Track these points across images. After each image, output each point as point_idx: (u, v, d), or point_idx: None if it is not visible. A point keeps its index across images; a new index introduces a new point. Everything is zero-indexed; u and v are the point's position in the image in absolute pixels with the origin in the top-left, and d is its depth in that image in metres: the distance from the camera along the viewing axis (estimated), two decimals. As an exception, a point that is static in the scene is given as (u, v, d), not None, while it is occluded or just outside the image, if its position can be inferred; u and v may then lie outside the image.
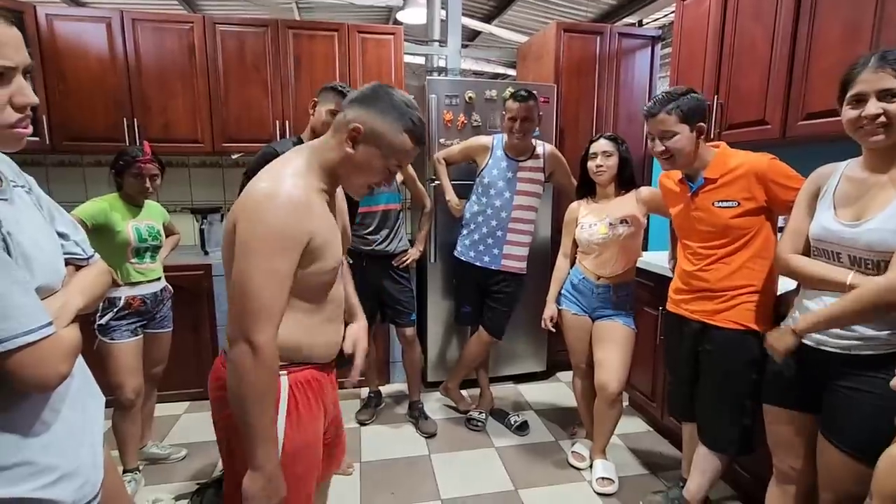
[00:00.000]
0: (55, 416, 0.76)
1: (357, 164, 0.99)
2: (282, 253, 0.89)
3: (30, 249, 0.72)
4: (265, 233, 0.88)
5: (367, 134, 0.96)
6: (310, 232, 0.92)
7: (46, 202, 0.86)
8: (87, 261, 0.90)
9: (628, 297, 2.04)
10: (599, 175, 1.99)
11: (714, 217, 1.52)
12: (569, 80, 2.97)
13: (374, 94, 0.98)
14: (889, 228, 1.09)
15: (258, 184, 0.93)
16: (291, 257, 0.91)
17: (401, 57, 2.92)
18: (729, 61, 2.08)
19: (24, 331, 0.66)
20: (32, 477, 0.71)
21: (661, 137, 1.51)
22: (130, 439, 1.93)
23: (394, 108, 0.97)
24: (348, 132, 0.96)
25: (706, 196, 1.53)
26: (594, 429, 2.12)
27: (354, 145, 0.97)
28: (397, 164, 1.02)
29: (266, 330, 0.89)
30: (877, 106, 1.09)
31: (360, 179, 1.02)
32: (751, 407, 1.52)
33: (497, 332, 2.44)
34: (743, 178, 1.47)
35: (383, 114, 0.96)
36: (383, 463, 2.21)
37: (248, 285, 0.88)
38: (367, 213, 2.31)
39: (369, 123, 0.96)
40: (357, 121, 0.96)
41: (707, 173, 1.52)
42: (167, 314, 2.06)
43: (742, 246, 1.50)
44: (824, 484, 1.25)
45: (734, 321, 1.53)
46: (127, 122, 2.62)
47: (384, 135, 0.97)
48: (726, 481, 1.97)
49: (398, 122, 0.97)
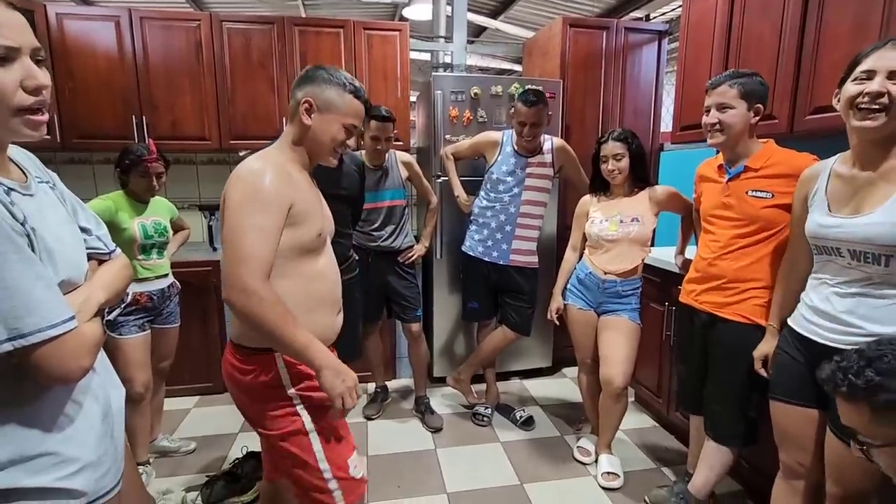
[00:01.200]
0: (78, 409, 0.78)
1: (317, 130, 1.14)
2: (265, 211, 1.02)
3: (53, 244, 0.73)
4: (251, 195, 1.02)
5: (319, 104, 1.13)
6: (291, 197, 1.07)
7: (70, 197, 0.87)
8: (109, 255, 0.92)
9: (635, 291, 2.04)
10: (613, 179, 1.98)
11: (745, 205, 1.51)
12: (575, 75, 2.96)
13: (314, 72, 1.15)
14: (888, 222, 1.09)
15: (245, 163, 1.08)
16: (274, 217, 1.03)
17: (406, 53, 2.93)
18: (736, 56, 2.06)
19: (48, 325, 0.67)
20: (55, 467, 0.73)
21: (719, 108, 1.50)
22: (140, 433, 1.95)
23: (332, 78, 1.14)
24: (301, 106, 1.12)
25: (742, 184, 1.53)
26: (599, 423, 2.13)
27: (310, 116, 1.13)
28: (352, 123, 1.17)
29: (256, 275, 0.99)
30: (882, 83, 1.07)
31: (326, 144, 1.16)
32: (756, 400, 1.52)
33: (524, 330, 2.44)
34: (784, 175, 1.46)
35: (326, 84, 1.13)
36: (390, 457, 2.23)
37: (237, 237, 1.00)
38: (372, 209, 2.32)
39: (315, 94, 1.13)
40: (305, 95, 1.13)
41: (750, 162, 1.52)
42: (174, 310, 2.08)
43: (764, 240, 1.50)
44: (832, 478, 1.25)
45: (742, 315, 1.53)
46: (136, 119, 2.65)
47: (332, 100, 1.13)
48: (731, 476, 1.96)
49: (340, 87, 1.14)
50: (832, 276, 1.23)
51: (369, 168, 2.28)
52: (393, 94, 2.90)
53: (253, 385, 1.12)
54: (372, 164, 2.31)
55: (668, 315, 2.19)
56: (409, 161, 2.43)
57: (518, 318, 2.41)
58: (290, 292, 1.08)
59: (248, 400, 1.16)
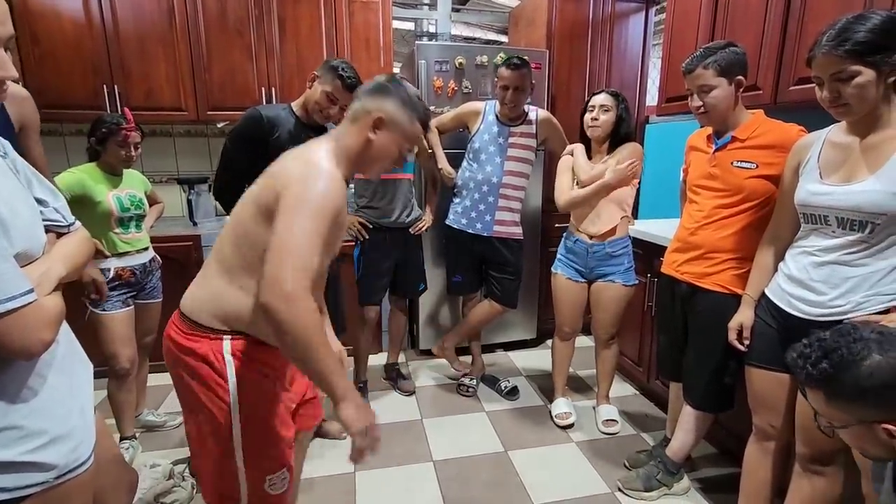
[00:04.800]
0: (42, 382, 0.76)
1: (378, 148, 1.10)
2: (322, 218, 0.95)
3: (5, 215, 0.70)
4: (313, 197, 0.95)
5: (388, 122, 1.08)
6: (341, 208, 1.02)
7: (23, 167, 0.83)
8: (68, 228, 0.89)
9: (625, 251, 2.08)
10: (593, 129, 1.99)
11: (730, 176, 1.52)
12: (561, 45, 2.91)
13: (390, 86, 1.11)
14: (880, 190, 1.11)
15: (302, 160, 1.02)
16: (328, 224, 0.96)
17: (389, 21, 2.84)
18: (723, 26, 2.05)
19: (6, 297, 0.65)
20: (20, 441, 0.72)
21: (699, 92, 1.50)
22: (126, 407, 1.95)
23: (409, 99, 1.11)
24: (372, 120, 1.07)
25: (728, 154, 1.53)
26: (597, 375, 2.31)
27: (376, 131, 1.08)
28: (409, 148, 1.16)
29: (303, 281, 0.90)
30: (829, 90, 1.13)
31: (379, 162, 1.13)
32: (733, 368, 1.57)
33: (510, 303, 2.46)
34: (770, 146, 1.47)
35: (401, 104, 1.09)
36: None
37: (295, 240, 0.91)
38: (385, 180, 2.27)
39: (389, 112, 1.08)
40: (379, 110, 1.07)
41: (737, 133, 1.52)
42: (156, 284, 2.05)
43: (745, 211, 1.51)
44: (801, 440, 1.31)
45: (720, 285, 1.57)
46: (107, 89, 2.54)
47: (401, 123, 1.10)
48: (707, 439, 2.04)
49: (413, 112, 1.11)
50: (813, 245, 1.25)
51: None
52: (376, 64, 2.83)
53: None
54: None
55: (651, 286, 2.23)
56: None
57: (504, 290, 2.43)
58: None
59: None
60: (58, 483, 0.77)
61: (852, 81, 1.09)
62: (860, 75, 1.08)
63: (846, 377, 0.80)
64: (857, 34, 1.07)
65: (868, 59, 1.07)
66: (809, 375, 0.85)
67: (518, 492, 1.85)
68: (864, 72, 1.08)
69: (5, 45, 0.69)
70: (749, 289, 1.48)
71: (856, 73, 1.08)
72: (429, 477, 1.93)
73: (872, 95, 1.10)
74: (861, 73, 1.08)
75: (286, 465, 1.14)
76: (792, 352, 0.91)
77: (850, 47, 1.07)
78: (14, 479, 0.71)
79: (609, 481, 1.89)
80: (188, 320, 1.08)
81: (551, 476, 1.94)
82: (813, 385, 0.85)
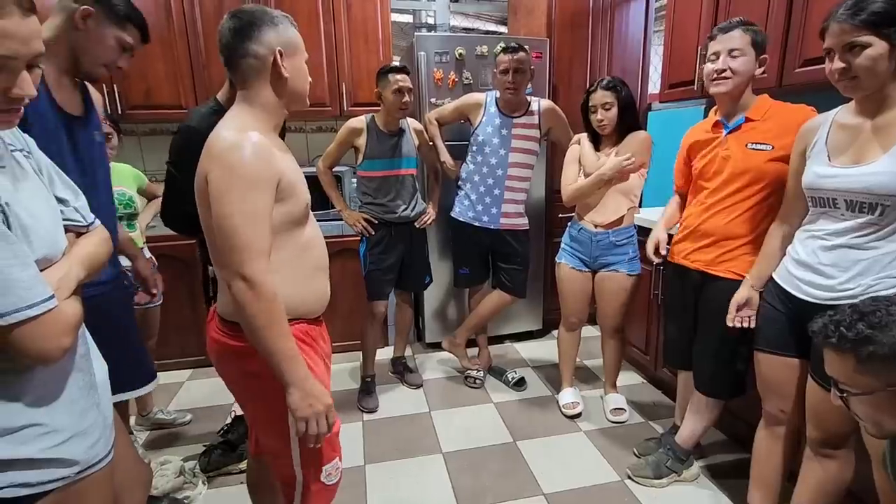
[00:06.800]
0: (62, 380, 0.77)
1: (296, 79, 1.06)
2: (256, 192, 0.95)
3: (28, 220, 0.71)
4: (239, 176, 0.93)
5: (287, 50, 1.03)
6: (278, 171, 0.99)
7: (46, 165, 0.84)
8: (88, 227, 0.89)
9: (629, 240, 2.07)
10: (602, 129, 1.99)
11: (746, 158, 1.49)
12: (561, 34, 2.88)
13: (261, 16, 1.02)
14: (890, 171, 1.09)
15: (218, 136, 0.98)
16: (266, 196, 0.96)
17: (387, 13, 2.82)
18: (726, 9, 2.02)
19: (26, 305, 0.65)
20: (41, 438, 0.73)
21: (728, 54, 1.46)
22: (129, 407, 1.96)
23: (277, 14, 1.04)
24: (276, 58, 1.01)
25: (742, 136, 1.51)
26: (604, 365, 2.30)
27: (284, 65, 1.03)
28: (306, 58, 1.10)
29: (255, 263, 0.94)
30: (840, 61, 1.11)
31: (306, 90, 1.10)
32: (744, 354, 1.55)
33: (520, 292, 2.45)
34: (782, 126, 1.45)
35: (279, 23, 1.03)
36: (385, 420, 2.28)
37: (230, 226, 0.93)
38: (388, 176, 2.26)
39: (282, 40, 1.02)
40: (276, 44, 1.01)
41: (749, 114, 1.50)
42: (156, 287, 2.04)
43: (757, 192, 1.49)
44: (812, 423, 1.30)
45: (733, 271, 1.55)
46: (106, 88, 2.53)
47: (292, 39, 1.05)
48: (716, 426, 2.04)
49: (289, 22, 1.06)
50: (822, 228, 1.24)
51: (383, 133, 2.22)
52: (375, 57, 2.81)
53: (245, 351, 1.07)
54: (388, 129, 2.23)
55: (656, 275, 2.22)
56: (421, 129, 2.39)
57: (513, 281, 2.43)
58: (288, 264, 1.05)
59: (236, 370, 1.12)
60: (79, 478, 0.78)
61: (864, 52, 1.07)
62: (872, 47, 1.07)
63: (885, 337, 0.80)
64: (873, 4, 1.06)
65: (883, 30, 1.05)
66: (843, 337, 0.84)
67: (528, 481, 1.86)
68: (877, 43, 1.06)
69: (31, 63, 0.68)
70: (752, 271, 1.46)
71: (868, 43, 1.07)
72: (439, 468, 1.94)
73: (883, 69, 1.08)
74: (873, 44, 1.06)
75: (338, 454, 1.18)
76: (819, 321, 0.90)
77: (866, 17, 1.06)
78: (37, 474, 0.72)
79: (619, 469, 1.89)
80: (227, 323, 1.08)
81: (561, 465, 1.94)
82: (847, 348, 0.84)
